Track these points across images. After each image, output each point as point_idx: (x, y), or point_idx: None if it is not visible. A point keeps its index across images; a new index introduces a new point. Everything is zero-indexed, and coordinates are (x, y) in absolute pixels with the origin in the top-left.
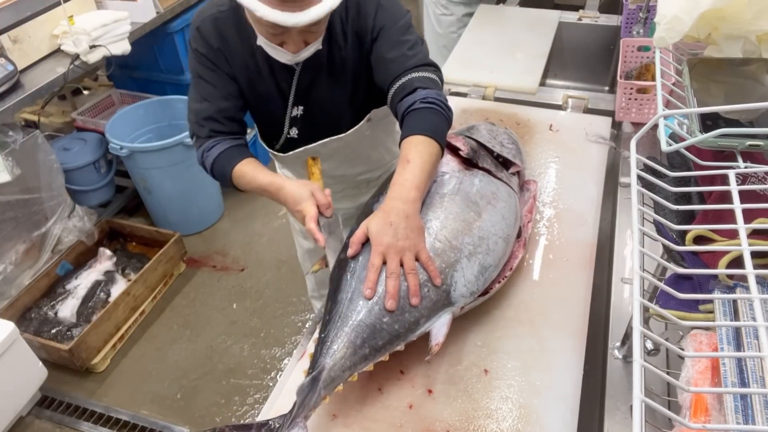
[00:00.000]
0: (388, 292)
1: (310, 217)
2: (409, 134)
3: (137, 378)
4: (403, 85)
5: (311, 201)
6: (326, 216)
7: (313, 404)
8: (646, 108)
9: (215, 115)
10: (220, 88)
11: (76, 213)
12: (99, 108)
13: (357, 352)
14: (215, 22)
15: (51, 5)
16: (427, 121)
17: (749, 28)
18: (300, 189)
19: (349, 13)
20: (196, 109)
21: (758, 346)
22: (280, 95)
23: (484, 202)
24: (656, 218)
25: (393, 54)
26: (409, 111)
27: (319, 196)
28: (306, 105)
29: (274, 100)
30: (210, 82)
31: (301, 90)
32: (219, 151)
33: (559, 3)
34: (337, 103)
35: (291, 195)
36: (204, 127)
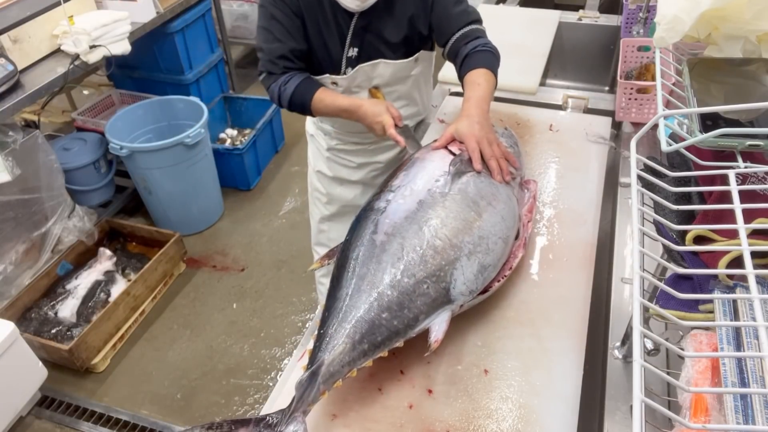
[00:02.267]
0: (493, 170)
1: (390, 125)
2: (477, 66)
3: (137, 378)
4: (466, 33)
5: (388, 113)
6: (399, 126)
7: (312, 399)
8: (646, 108)
9: (288, 54)
10: (293, 31)
11: (76, 213)
12: (99, 108)
13: (356, 348)
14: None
15: (51, 5)
16: (488, 60)
17: (749, 28)
18: (377, 105)
19: None
20: (269, 49)
21: (758, 346)
22: (340, 37)
23: (484, 203)
24: (656, 218)
25: (457, 9)
26: (473, 51)
27: (392, 109)
28: (360, 47)
29: (334, 42)
30: (283, 24)
31: (357, 31)
32: (297, 83)
33: (559, 3)
34: (389, 46)
35: (371, 110)
36: (277, 64)
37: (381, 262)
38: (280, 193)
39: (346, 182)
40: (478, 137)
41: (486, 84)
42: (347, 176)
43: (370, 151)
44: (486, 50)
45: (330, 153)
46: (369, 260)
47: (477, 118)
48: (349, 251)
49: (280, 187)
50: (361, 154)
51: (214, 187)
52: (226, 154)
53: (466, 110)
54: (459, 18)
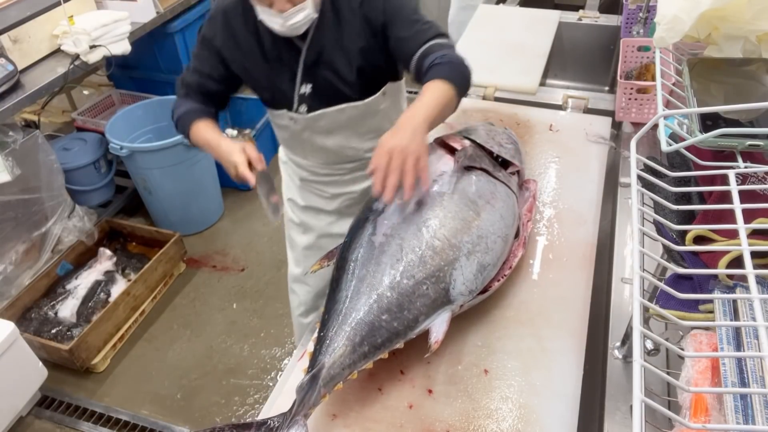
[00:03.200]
0: (387, 187)
1: (240, 163)
2: (428, 80)
3: (137, 378)
4: (424, 52)
5: (241, 153)
6: (257, 168)
7: (313, 402)
8: (646, 108)
9: (194, 86)
10: (206, 69)
11: (76, 213)
12: (99, 108)
13: (356, 350)
14: (225, 14)
15: (51, 5)
16: (443, 70)
17: (749, 28)
18: (234, 144)
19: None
20: (183, 75)
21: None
22: (289, 74)
23: (482, 202)
24: (656, 218)
25: (410, 32)
26: (429, 67)
27: (250, 151)
28: (314, 82)
29: (283, 80)
30: (200, 60)
31: (308, 68)
32: (185, 108)
33: (559, 3)
34: (344, 80)
35: (226, 148)
36: (182, 89)
37: (380, 264)
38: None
39: (320, 212)
40: (390, 146)
41: (431, 94)
42: (322, 206)
43: (344, 182)
44: (444, 62)
45: (302, 183)
46: (368, 262)
47: (401, 130)
48: (347, 253)
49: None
50: (335, 185)
51: (214, 187)
52: None
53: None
54: (414, 41)
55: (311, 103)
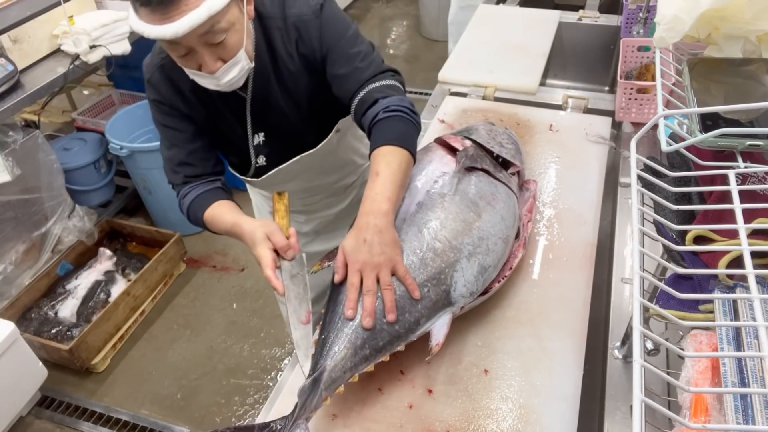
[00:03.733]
0: (365, 309)
1: (265, 264)
2: (376, 146)
3: (137, 378)
4: (363, 99)
5: (266, 244)
6: (286, 258)
7: (315, 406)
8: (646, 108)
9: (186, 159)
10: (184, 130)
11: (76, 213)
12: (99, 108)
13: (357, 353)
14: (162, 70)
15: (51, 5)
16: (392, 129)
17: (749, 28)
18: (255, 231)
19: (290, 35)
20: (167, 157)
21: (758, 346)
22: (240, 125)
23: (483, 203)
24: (656, 218)
25: (345, 69)
26: (374, 123)
27: (276, 238)
28: (266, 130)
29: (234, 132)
30: (173, 128)
31: (256, 117)
32: (192, 198)
33: (559, 3)
34: (296, 123)
35: (249, 239)
36: (178, 173)
37: None
38: None
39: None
40: (361, 263)
41: (388, 170)
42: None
43: (316, 209)
44: (388, 116)
45: None
46: None
47: (366, 233)
48: None
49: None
50: (307, 212)
51: None
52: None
53: (359, 217)
54: (351, 80)
55: (268, 152)
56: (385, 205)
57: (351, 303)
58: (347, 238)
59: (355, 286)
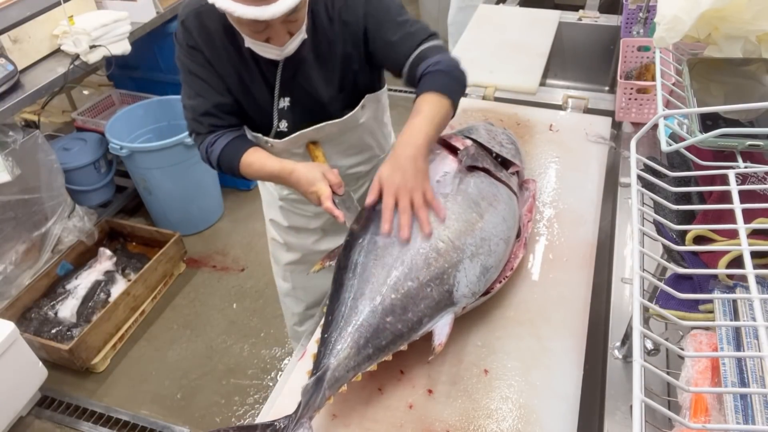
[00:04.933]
0: (402, 226)
1: (326, 197)
2: (422, 92)
3: (137, 378)
4: (416, 58)
5: (324, 181)
6: (339, 194)
7: (318, 405)
8: (646, 108)
9: (212, 110)
10: (211, 82)
11: (76, 213)
12: (99, 108)
13: (361, 352)
14: (199, 17)
15: (51, 5)
16: (438, 80)
17: (749, 28)
18: (312, 170)
19: (336, 2)
20: (191, 106)
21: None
22: (267, 87)
23: (485, 204)
24: (656, 218)
25: (398, 36)
26: (423, 75)
27: (330, 175)
28: (292, 96)
29: (261, 93)
30: (201, 78)
31: (285, 81)
32: (223, 144)
33: (559, 3)
34: (324, 91)
35: (304, 177)
36: (202, 123)
37: (384, 266)
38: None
39: (303, 230)
40: (395, 187)
41: (429, 110)
42: (305, 225)
43: None
44: (437, 70)
45: (283, 202)
46: (371, 263)
47: (402, 160)
48: (350, 253)
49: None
50: None
51: (214, 187)
52: None
53: (395, 147)
54: (404, 45)
55: (291, 118)
56: (421, 138)
57: (387, 219)
58: (383, 166)
59: (390, 207)
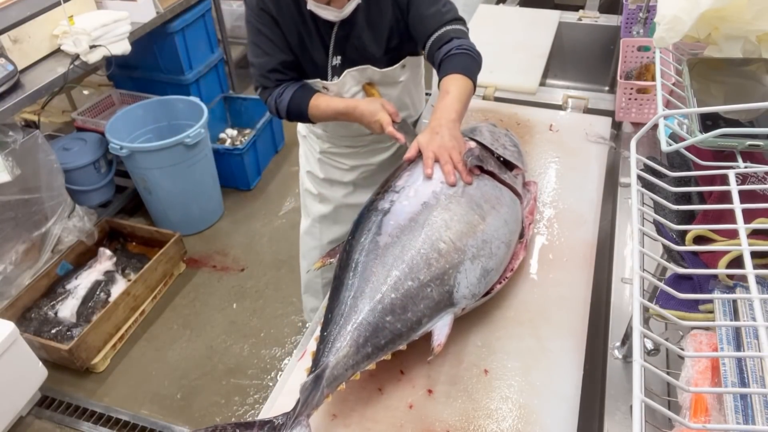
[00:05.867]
0: (446, 173)
1: (387, 122)
2: (447, 73)
3: (137, 378)
4: (441, 36)
5: (384, 111)
6: (397, 121)
7: (316, 402)
8: (646, 108)
9: (278, 67)
10: (280, 43)
11: (76, 213)
12: (99, 108)
13: (360, 351)
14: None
15: (51, 5)
16: (461, 62)
17: (749, 28)
18: (372, 104)
19: None
20: (259, 63)
21: (758, 346)
22: (323, 46)
23: (488, 206)
24: (656, 218)
25: (431, 10)
26: (447, 56)
27: (389, 107)
28: (344, 55)
29: (318, 52)
30: (269, 37)
31: (339, 41)
32: (291, 93)
33: (559, 3)
34: (372, 53)
35: (367, 110)
36: (269, 78)
37: (385, 265)
38: (280, 193)
39: (337, 183)
40: (435, 147)
41: (456, 90)
42: (339, 178)
43: (363, 154)
44: (460, 53)
45: (322, 155)
46: (372, 262)
47: (438, 129)
48: (351, 252)
49: (280, 187)
50: (354, 156)
51: (214, 187)
52: (226, 154)
53: (431, 122)
54: (433, 19)
55: (341, 74)
56: (453, 114)
57: (429, 165)
58: (422, 134)
59: (431, 162)
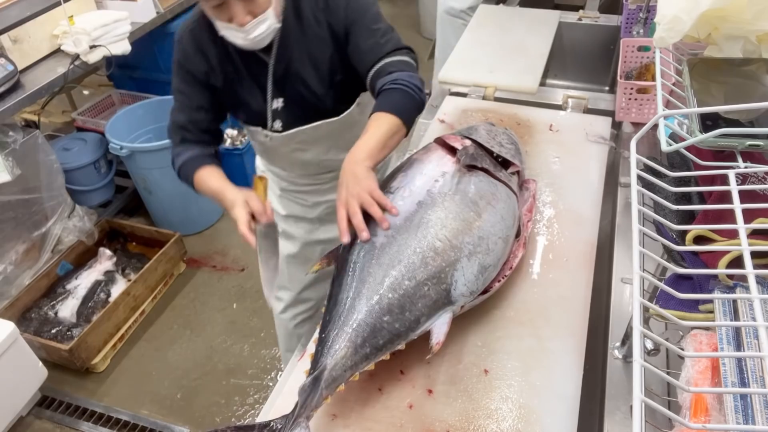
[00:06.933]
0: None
1: (242, 222)
2: (375, 111)
3: (137, 378)
4: (378, 70)
5: (243, 206)
6: (259, 221)
7: (315, 404)
8: (646, 108)
9: (187, 125)
10: (194, 101)
11: (76, 213)
12: (99, 108)
13: (358, 352)
14: (192, 33)
15: (51, 5)
16: (393, 99)
17: (749, 28)
18: (235, 195)
19: (319, 3)
20: (173, 119)
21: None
22: (260, 90)
23: (483, 203)
24: (656, 218)
25: (368, 43)
26: (380, 92)
27: (254, 203)
28: (285, 96)
29: (254, 97)
30: (184, 93)
31: (278, 82)
32: (186, 157)
33: (559, 3)
34: (316, 91)
35: (229, 199)
36: (177, 135)
37: (381, 265)
38: None
39: (301, 219)
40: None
41: (376, 130)
42: (302, 214)
43: (325, 191)
44: (393, 88)
45: (282, 192)
46: (369, 263)
47: (343, 177)
48: (348, 254)
49: None
50: (315, 193)
51: None
52: (226, 154)
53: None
54: (371, 53)
55: (285, 118)
56: (362, 155)
57: (342, 230)
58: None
59: (342, 218)
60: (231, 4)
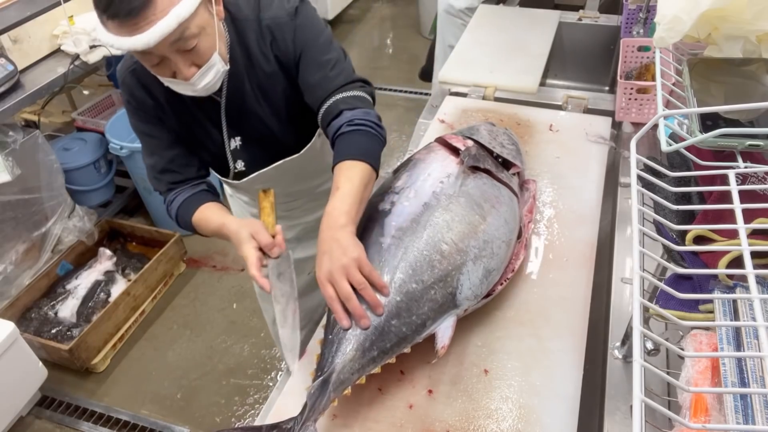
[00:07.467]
0: (354, 314)
1: (250, 264)
2: (339, 160)
3: (137, 378)
4: (329, 109)
5: (251, 244)
6: (272, 256)
7: (323, 407)
8: (646, 108)
9: (167, 166)
10: (161, 137)
11: (76, 213)
12: (99, 108)
13: (366, 355)
14: (134, 74)
15: (51, 5)
16: (354, 144)
17: (749, 28)
18: (240, 231)
19: (265, 37)
20: (149, 164)
21: (758, 346)
22: (216, 130)
23: (488, 206)
24: (656, 218)
25: (316, 77)
26: (337, 136)
27: (260, 237)
28: (242, 135)
29: (210, 138)
30: (149, 134)
31: (232, 121)
32: (179, 203)
33: (559, 3)
34: (273, 127)
35: (235, 238)
36: (161, 180)
37: (388, 267)
38: None
39: None
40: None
41: (348, 185)
42: None
43: (297, 215)
44: (352, 130)
45: (255, 215)
46: (376, 264)
47: (325, 246)
48: None
49: None
50: (287, 219)
51: None
52: None
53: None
54: (320, 89)
55: (247, 157)
56: (342, 218)
57: (339, 315)
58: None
59: (333, 298)
60: (172, 60)
